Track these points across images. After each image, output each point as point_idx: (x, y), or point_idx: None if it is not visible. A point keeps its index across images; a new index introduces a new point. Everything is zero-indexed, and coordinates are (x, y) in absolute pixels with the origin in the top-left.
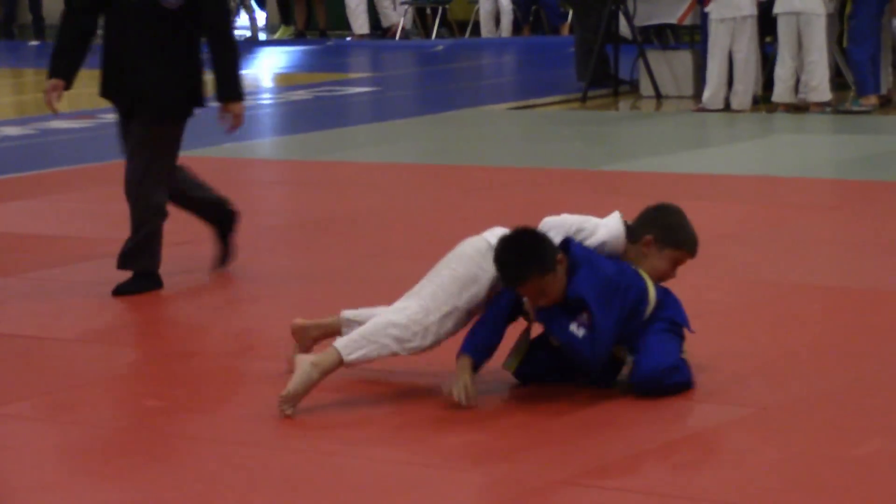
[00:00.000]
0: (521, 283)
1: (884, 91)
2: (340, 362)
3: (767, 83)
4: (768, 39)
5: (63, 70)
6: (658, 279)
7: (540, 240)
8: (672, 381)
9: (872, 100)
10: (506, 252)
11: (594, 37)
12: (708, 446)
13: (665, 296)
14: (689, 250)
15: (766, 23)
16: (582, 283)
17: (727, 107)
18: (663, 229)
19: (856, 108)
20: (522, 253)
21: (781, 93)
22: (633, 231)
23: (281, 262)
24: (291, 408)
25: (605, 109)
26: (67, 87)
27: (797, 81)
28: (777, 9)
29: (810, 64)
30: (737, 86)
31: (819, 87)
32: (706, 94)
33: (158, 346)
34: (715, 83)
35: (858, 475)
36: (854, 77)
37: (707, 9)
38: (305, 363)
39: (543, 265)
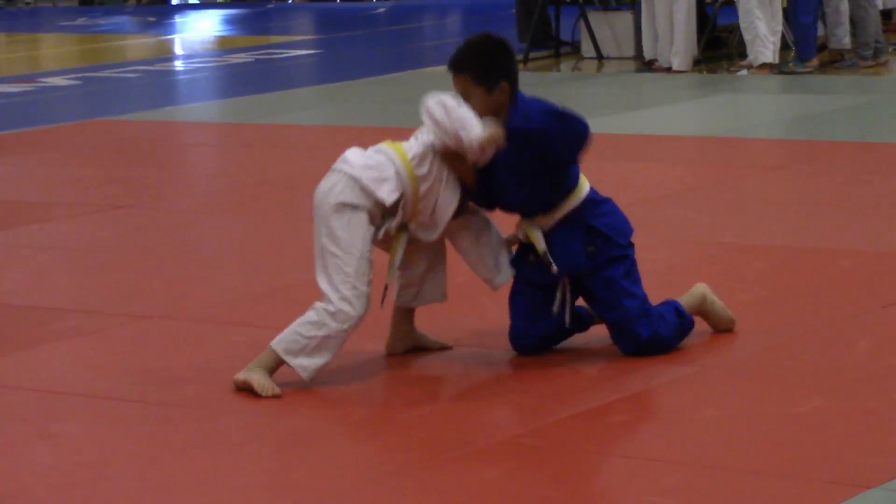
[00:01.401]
0: (457, 71)
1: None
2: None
3: (708, 44)
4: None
5: None
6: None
7: (498, 52)
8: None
9: (814, 61)
10: (467, 42)
11: None
12: (646, 406)
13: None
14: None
15: None
16: (531, 107)
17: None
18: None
19: (799, 70)
20: (476, 49)
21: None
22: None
23: (222, 224)
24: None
25: (546, 71)
26: None
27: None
28: None
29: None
30: (677, 46)
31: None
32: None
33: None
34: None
35: (797, 432)
36: (796, 38)
37: None
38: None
39: (484, 73)
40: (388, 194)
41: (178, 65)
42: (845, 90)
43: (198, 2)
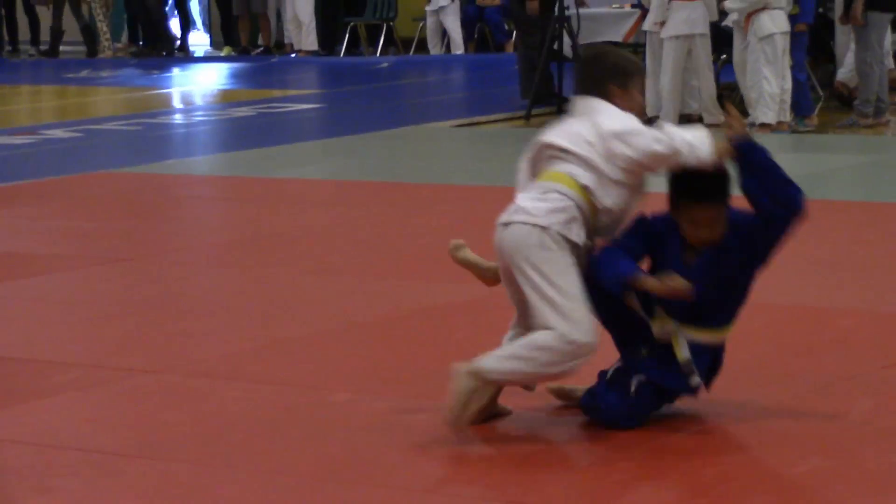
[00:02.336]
0: (717, 200)
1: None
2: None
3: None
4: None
5: None
6: (640, 112)
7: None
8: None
9: (814, 120)
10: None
11: (538, 55)
12: (651, 464)
13: None
14: (642, 73)
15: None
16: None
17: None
18: (615, 76)
19: (802, 129)
20: (721, 173)
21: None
22: (595, 89)
23: (222, 278)
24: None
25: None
26: None
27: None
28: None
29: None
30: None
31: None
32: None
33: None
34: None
35: (795, 493)
36: (795, 99)
37: (647, 26)
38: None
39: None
40: (577, 235)
41: (181, 118)
42: (846, 150)
43: (201, 55)
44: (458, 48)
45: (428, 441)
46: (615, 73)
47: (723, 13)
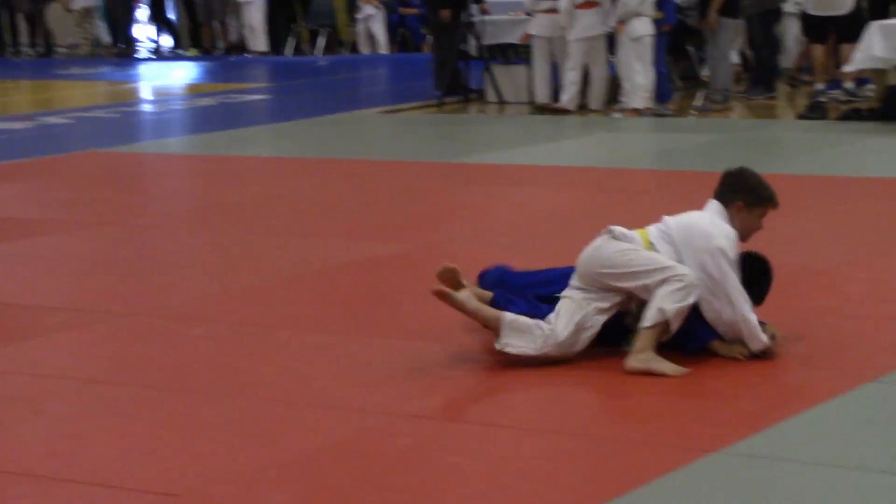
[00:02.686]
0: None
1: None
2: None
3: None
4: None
5: None
6: (749, 234)
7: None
8: None
9: (673, 105)
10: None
11: (449, 53)
12: (538, 384)
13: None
14: (774, 203)
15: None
16: None
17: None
18: (748, 192)
19: (663, 112)
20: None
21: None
22: (723, 200)
23: (189, 239)
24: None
25: (458, 113)
26: None
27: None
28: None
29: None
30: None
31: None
32: (570, 97)
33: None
34: (573, 90)
35: (652, 406)
36: (657, 88)
37: (533, 31)
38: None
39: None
40: None
41: (155, 107)
42: (699, 130)
43: (172, 55)
44: (384, 49)
45: (357, 366)
46: (747, 192)
47: None
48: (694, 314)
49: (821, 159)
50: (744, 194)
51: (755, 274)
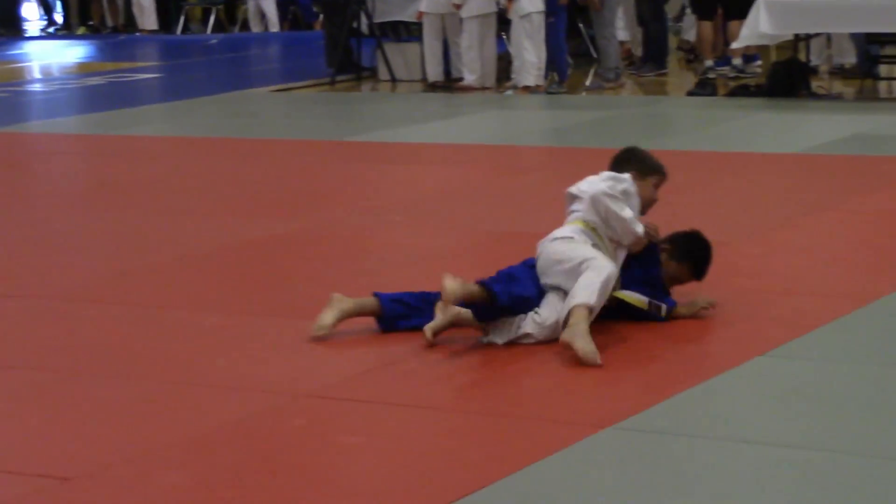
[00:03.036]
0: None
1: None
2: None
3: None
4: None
5: None
6: (648, 206)
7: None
8: None
9: (564, 83)
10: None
11: (340, 31)
12: (430, 360)
13: None
14: (663, 173)
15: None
16: None
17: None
18: (638, 162)
19: (556, 90)
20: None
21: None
22: (619, 169)
23: (80, 219)
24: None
25: (350, 91)
26: None
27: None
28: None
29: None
30: (473, 66)
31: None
32: (477, 76)
33: None
34: (477, 68)
35: (543, 382)
36: (556, 64)
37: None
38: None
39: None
40: None
41: (43, 86)
42: (591, 107)
43: (60, 34)
44: (275, 27)
45: (253, 346)
46: (637, 162)
47: None
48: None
49: (710, 135)
50: (634, 164)
51: (694, 250)
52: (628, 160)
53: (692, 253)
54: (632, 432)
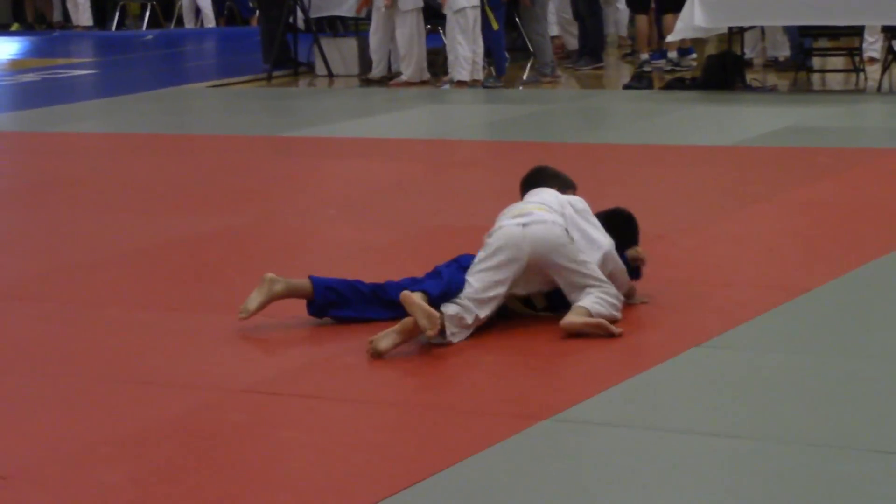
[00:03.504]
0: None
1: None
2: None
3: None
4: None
5: None
6: None
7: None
8: None
9: (500, 77)
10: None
11: (277, 27)
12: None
13: None
14: (576, 186)
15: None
16: None
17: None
18: (554, 179)
19: (492, 84)
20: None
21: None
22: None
23: (14, 217)
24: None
25: (287, 87)
26: None
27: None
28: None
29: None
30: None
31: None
32: (412, 70)
33: None
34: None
35: (485, 377)
36: (494, 60)
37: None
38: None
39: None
40: None
41: None
42: (528, 101)
43: None
44: (210, 22)
45: (188, 342)
46: (557, 180)
47: None
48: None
49: (645, 128)
50: (553, 181)
51: (619, 225)
52: (546, 178)
53: (616, 228)
54: (569, 424)
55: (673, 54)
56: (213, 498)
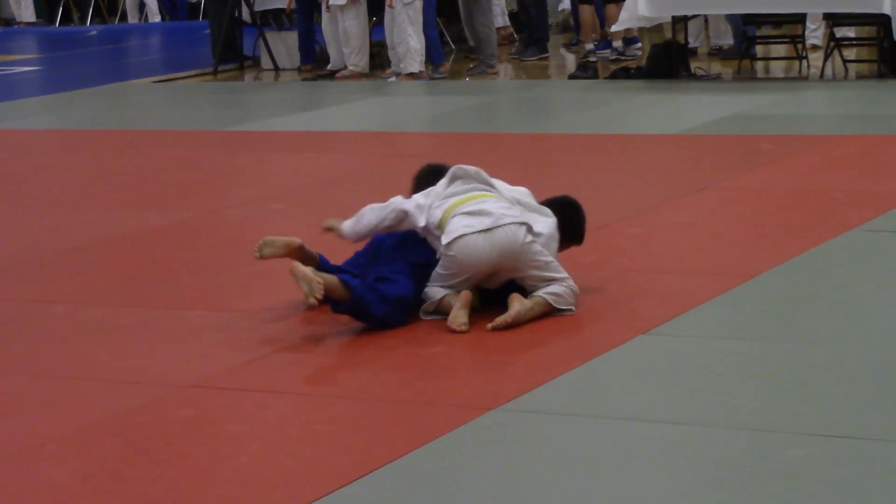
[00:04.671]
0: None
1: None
2: None
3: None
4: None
5: None
6: None
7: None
8: None
9: (447, 68)
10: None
11: (222, 21)
12: (319, 347)
13: None
14: None
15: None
16: None
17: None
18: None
19: (437, 76)
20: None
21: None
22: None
23: None
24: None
25: (234, 80)
26: None
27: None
28: None
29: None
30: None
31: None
32: (364, 62)
33: None
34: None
35: (433, 368)
36: (429, 49)
37: None
38: None
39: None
40: None
41: None
42: (472, 92)
43: None
44: (156, 17)
45: (136, 338)
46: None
47: None
48: None
49: (591, 117)
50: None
51: (566, 213)
52: (439, 172)
53: (565, 217)
54: (516, 413)
55: (618, 43)
56: (162, 493)
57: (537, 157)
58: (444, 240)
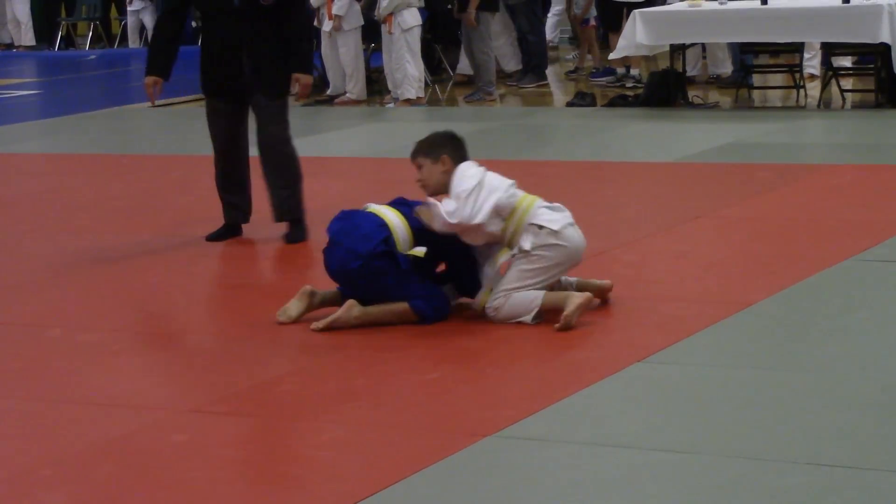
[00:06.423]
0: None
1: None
2: None
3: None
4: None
5: (160, 68)
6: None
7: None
8: None
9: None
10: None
11: None
12: (315, 377)
13: None
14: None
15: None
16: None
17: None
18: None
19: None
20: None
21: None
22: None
23: None
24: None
25: None
26: (166, 81)
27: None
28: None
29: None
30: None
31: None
32: (360, 88)
33: None
34: (361, 80)
35: (430, 394)
36: None
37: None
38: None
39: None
40: None
41: None
42: (472, 119)
43: None
44: None
45: (131, 363)
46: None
47: (372, 6)
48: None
49: (588, 145)
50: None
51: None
52: (443, 145)
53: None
54: (511, 440)
55: (622, 70)
56: None
57: (535, 185)
58: (552, 227)
